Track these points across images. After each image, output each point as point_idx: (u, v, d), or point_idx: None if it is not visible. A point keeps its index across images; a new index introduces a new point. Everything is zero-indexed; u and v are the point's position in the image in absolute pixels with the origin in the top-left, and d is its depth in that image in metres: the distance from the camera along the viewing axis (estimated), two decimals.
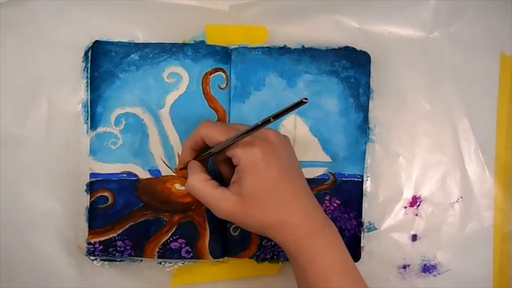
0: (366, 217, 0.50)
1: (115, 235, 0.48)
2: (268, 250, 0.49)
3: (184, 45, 0.49)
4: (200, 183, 0.42)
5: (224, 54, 0.49)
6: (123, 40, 0.49)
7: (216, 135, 0.42)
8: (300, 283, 0.41)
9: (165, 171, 0.49)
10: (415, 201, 0.51)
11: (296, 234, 0.40)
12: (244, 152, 0.41)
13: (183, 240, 0.48)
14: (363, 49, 0.50)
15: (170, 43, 0.49)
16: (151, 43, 0.49)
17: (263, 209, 0.40)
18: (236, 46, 0.50)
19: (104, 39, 0.49)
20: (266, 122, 0.38)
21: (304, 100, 0.36)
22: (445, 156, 0.51)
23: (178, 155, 0.49)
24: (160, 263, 0.49)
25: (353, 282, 0.40)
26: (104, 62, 0.48)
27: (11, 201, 0.48)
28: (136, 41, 0.49)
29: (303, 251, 0.40)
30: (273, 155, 0.41)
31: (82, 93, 0.49)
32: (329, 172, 0.50)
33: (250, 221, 0.41)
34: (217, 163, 0.46)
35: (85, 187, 0.49)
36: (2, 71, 0.48)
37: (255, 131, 0.39)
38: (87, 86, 0.49)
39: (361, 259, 0.49)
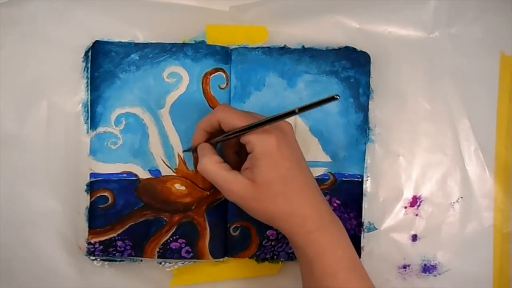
0: (366, 217, 0.50)
1: (115, 235, 0.48)
2: (268, 250, 0.49)
3: (184, 45, 0.49)
4: (213, 165, 0.42)
5: (224, 54, 0.49)
6: (123, 40, 0.49)
7: (234, 120, 0.42)
8: (306, 279, 0.41)
9: (165, 171, 0.49)
10: (415, 201, 0.51)
11: (306, 227, 0.40)
12: (259, 140, 0.40)
13: (183, 240, 0.48)
14: (363, 49, 0.50)
15: (170, 43, 0.49)
16: (151, 43, 0.49)
17: (275, 198, 0.40)
18: (236, 46, 0.50)
19: (104, 39, 0.49)
20: (291, 113, 0.37)
21: (335, 97, 0.34)
22: (445, 156, 0.51)
23: (179, 155, 0.49)
24: (160, 263, 0.49)
25: (359, 278, 0.41)
26: (104, 62, 0.48)
27: (11, 201, 0.48)
28: (136, 41, 0.49)
29: (312, 244, 0.40)
30: (287, 146, 0.41)
31: (82, 93, 0.49)
32: (329, 172, 0.50)
33: (260, 208, 0.41)
34: (225, 149, 0.46)
35: (85, 187, 0.49)
36: (2, 71, 0.48)
37: (276, 121, 0.39)
38: (87, 86, 0.49)
39: (361, 259, 0.49)
